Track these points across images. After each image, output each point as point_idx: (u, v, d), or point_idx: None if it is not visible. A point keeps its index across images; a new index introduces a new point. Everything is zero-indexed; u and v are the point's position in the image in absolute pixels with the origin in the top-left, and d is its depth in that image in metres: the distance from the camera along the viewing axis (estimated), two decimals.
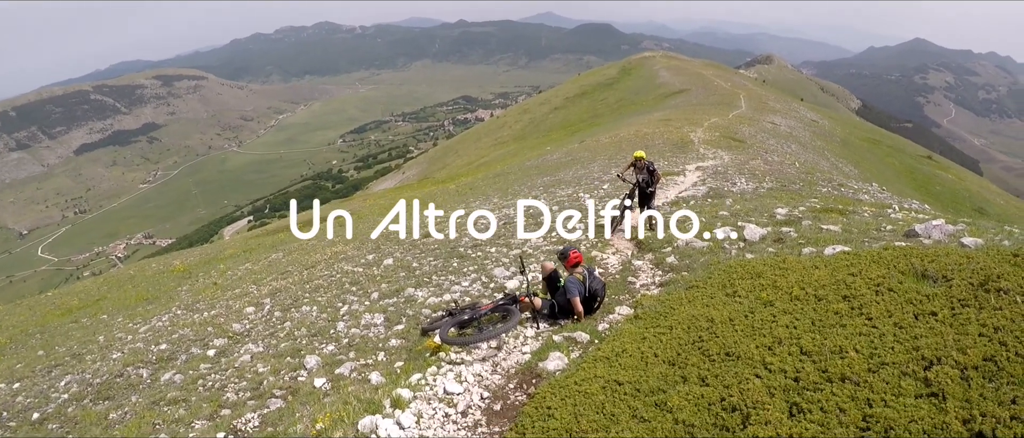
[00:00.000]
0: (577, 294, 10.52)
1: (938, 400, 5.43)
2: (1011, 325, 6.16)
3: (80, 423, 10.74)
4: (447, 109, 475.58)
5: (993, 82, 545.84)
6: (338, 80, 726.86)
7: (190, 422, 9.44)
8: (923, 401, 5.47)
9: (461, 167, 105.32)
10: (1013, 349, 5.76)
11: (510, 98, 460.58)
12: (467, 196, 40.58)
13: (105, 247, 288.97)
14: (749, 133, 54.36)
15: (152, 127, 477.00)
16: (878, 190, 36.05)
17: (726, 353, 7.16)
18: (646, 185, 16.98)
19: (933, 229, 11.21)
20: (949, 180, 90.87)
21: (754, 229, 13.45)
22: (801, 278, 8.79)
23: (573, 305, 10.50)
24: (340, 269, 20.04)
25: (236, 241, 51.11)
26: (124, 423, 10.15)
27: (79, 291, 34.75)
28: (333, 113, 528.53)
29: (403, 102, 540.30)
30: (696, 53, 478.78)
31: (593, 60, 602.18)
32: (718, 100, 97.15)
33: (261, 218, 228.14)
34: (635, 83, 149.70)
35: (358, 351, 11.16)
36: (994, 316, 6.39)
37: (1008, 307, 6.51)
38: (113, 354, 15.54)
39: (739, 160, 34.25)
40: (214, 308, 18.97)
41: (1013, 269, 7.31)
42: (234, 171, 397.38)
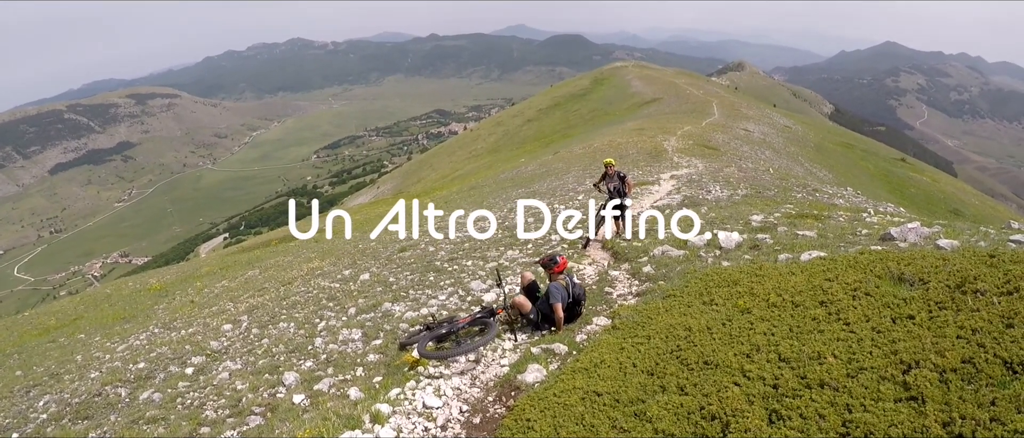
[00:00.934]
0: (560, 300, 10.56)
1: (917, 404, 5.43)
2: (988, 327, 6.17)
3: None
4: (421, 123, 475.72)
5: (965, 83, 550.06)
6: (311, 96, 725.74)
7: None
8: (902, 405, 5.47)
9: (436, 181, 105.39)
10: (991, 350, 5.77)
11: (483, 111, 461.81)
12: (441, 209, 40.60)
13: (81, 266, 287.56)
14: (723, 140, 54.71)
15: (126, 146, 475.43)
16: (853, 194, 36.30)
17: (704, 362, 7.14)
18: (618, 193, 17.00)
19: (909, 232, 11.24)
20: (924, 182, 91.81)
21: (730, 236, 13.45)
22: (778, 285, 8.79)
23: (554, 311, 10.53)
24: (317, 285, 20.01)
25: (212, 259, 50.90)
26: None
27: (56, 311, 34.52)
28: (307, 129, 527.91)
29: (376, 117, 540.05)
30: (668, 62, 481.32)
31: (565, 71, 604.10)
32: (691, 108, 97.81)
33: (237, 235, 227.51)
34: (608, 93, 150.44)
35: (336, 367, 11.11)
36: (971, 318, 6.40)
37: (985, 308, 6.52)
38: (91, 373, 15.45)
39: (713, 168, 34.43)
40: (191, 326, 18.90)
41: (989, 270, 7.33)
42: (209, 188, 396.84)
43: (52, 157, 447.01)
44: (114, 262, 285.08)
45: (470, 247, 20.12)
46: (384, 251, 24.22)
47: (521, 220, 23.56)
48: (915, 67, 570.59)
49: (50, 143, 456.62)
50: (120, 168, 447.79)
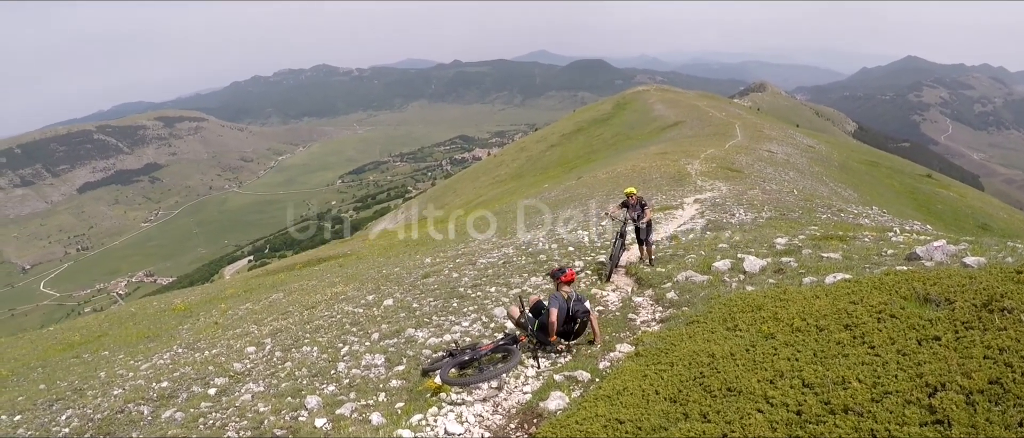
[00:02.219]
0: (556, 307, 10.65)
1: (943, 427, 5.37)
2: (1016, 345, 6.10)
3: None
4: (444, 149, 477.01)
5: (988, 94, 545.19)
6: (336, 122, 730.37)
7: None
8: (928, 429, 5.41)
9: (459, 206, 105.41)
10: (1019, 370, 5.70)
11: (506, 136, 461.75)
12: (465, 235, 40.59)
13: (107, 284, 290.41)
14: (746, 163, 54.47)
15: (154, 167, 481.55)
16: (879, 213, 36.07)
17: (727, 388, 7.08)
18: (638, 220, 16.97)
19: (935, 251, 11.16)
20: (951, 198, 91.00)
21: (754, 261, 13.39)
22: (802, 309, 8.72)
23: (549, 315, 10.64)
24: (341, 310, 19.97)
25: (237, 281, 51.03)
26: None
27: (81, 327, 34.65)
28: (332, 154, 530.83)
29: (401, 143, 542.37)
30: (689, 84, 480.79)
31: (587, 96, 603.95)
32: (714, 131, 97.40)
33: (261, 258, 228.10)
34: (630, 117, 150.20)
35: (359, 391, 11.09)
36: (998, 337, 6.32)
37: (1013, 327, 6.44)
38: (114, 390, 15.48)
39: (737, 190, 34.27)
40: (215, 347, 18.90)
41: (1017, 287, 7.25)
42: (235, 211, 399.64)
43: (81, 176, 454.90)
44: (139, 281, 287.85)
45: (493, 273, 20.07)
46: (408, 277, 24.20)
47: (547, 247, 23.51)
48: (937, 80, 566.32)
49: (79, 162, 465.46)
50: (147, 189, 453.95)
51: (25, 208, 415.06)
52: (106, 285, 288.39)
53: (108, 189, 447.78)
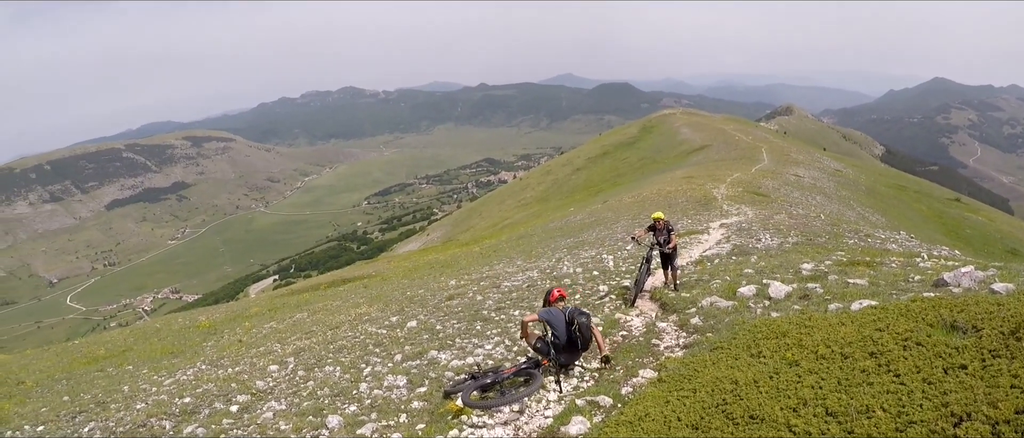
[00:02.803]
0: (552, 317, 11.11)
1: None
2: None
3: None
4: (470, 171, 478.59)
5: (1017, 116, 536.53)
6: (363, 143, 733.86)
7: None
8: None
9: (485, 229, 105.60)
10: None
11: (532, 160, 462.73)
12: (491, 258, 40.57)
13: (132, 299, 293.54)
14: (772, 187, 54.31)
15: (181, 186, 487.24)
16: (906, 238, 35.74)
17: (750, 416, 7.02)
18: (664, 244, 16.92)
19: (962, 277, 11.05)
20: (979, 222, 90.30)
21: (779, 286, 13.30)
22: (827, 336, 8.65)
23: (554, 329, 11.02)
24: (364, 330, 20.02)
25: (262, 299, 51.16)
26: None
27: (106, 341, 34.86)
28: (358, 176, 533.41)
29: (427, 165, 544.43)
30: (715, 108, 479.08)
31: (614, 119, 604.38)
32: (740, 155, 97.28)
33: (287, 277, 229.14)
34: (656, 141, 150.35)
35: (380, 412, 11.10)
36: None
37: None
38: (137, 404, 15.58)
39: (763, 215, 34.14)
40: (238, 365, 18.98)
41: None
42: (261, 231, 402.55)
43: (109, 193, 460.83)
44: (165, 297, 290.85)
45: (517, 297, 20.08)
46: (432, 299, 24.24)
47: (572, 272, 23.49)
48: (965, 102, 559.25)
49: (108, 180, 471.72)
50: (174, 207, 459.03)
51: (54, 223, 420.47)
52: (132, 301, 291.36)
53: (136, 206, 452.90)
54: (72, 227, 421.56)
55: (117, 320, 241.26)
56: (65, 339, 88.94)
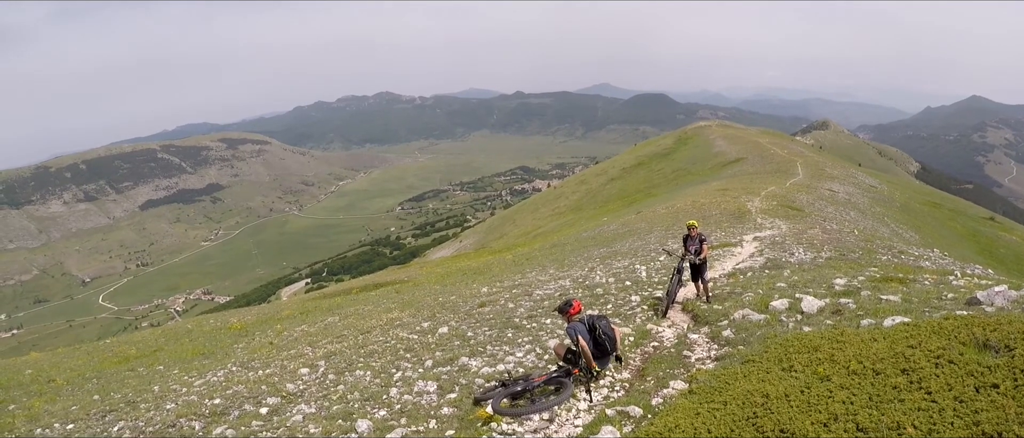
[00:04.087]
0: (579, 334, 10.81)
1: None
2: None
3: None
4: (505, 179, 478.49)
5: None
6: (397, 149, 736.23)
7: None
8: None
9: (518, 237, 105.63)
10: None
11: (567, 168, 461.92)
12: (523, 266, 40.60)
13: (164, 300, 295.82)
14: (807, 201, 53.99)
15: (216, 188, 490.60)
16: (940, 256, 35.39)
17: (780, 430, 7.01)
18: (696, 255, 16.89)
19: (996, 296, 10.97)
20: (1014, 242, 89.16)
21: (812, 301, 13.24)
22: (859, 352, 8.62)
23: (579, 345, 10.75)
24: (395, 335, 20.07)
25: (293, 303, 51.43)
26: None
27: (137, 341, 35.19)
28: (392, 181, 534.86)
29: (461, 171, 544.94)
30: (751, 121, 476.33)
31: (649, 130, 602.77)
32: (775, 168, 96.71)
33: (319, 281, 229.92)
34: (691, 152, 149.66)
35: (410, 418, 11.14)
36: None
37: None
38: (167, 405, 15.74)
39: (797, 229, 33.96)
40: (269, 367, 19.08)
41: None
42: (294, 234, 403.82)
43: (143, 193, 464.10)
44: (197, 298, 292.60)
45: (549, 305, 20.05)
46: (464, 305, 24.27)
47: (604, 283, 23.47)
48: (1002, 121, 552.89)
49: (142, 180, 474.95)
50: (208, 209, 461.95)
51: (88, 223, 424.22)
52: (164, 301, 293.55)
53: (170, 207, 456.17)
54: (106, 227, 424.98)
55: (148, 320, 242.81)
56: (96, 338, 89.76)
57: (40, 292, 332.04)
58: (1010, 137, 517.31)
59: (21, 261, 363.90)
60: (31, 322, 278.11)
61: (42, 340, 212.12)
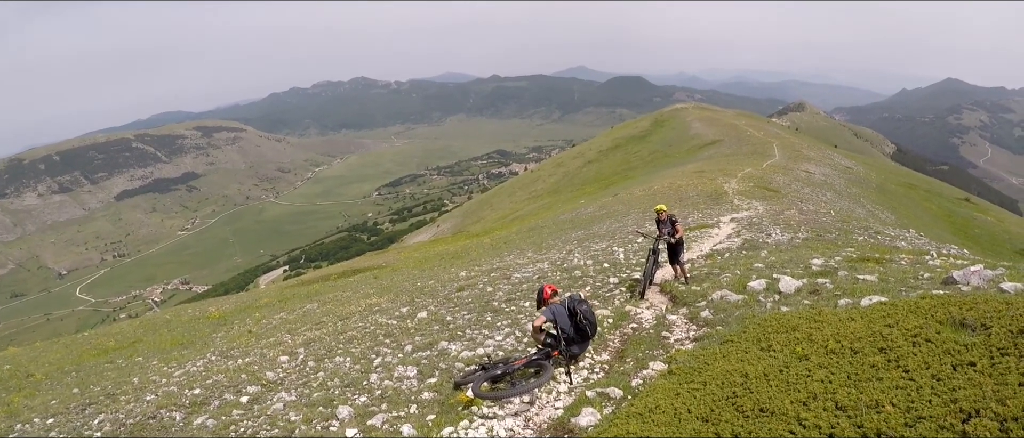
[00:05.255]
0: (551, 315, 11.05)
1: None
2: None
3: None
4: (481, 163, 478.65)
5: None
6: (374, 134, 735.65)
7: None
8: None
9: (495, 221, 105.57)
10: None
11: (544, 152, 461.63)
12: (501, 250, 40.63)
13: (142, 291, 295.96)
14: (783, 182, 54.23)
15: (191, 176, 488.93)
16: (916, 236, 35.69)
17: (760, 409, 7.04)
18: (670, 236, 16.93)
19: (971, 275, 11.05)
20: (988, 222, 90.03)
21: (789, 281, 13.30)
22: (837, 331, 8.65)
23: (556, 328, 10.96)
24: (375, 321, 20.07)
25: (272, 290, 51.34)
26: None
27: (115, 332, 35.01)
28: (369, 166, 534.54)
29: (438, 156, 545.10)
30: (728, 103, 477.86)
31: (626, 113, 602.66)
32: (751, 150, 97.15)
33: (297, 268, 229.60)
34: (668, 135, 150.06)
35: (390, 403, 11.14)
36: None
37: None
38: (147, 396, 15.70)
39: (774, 210, 34.14)
40: (248, 355, 19.05)
41: None
42: (271, 221, 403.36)
43: (119, 184, 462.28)
44: (174, 288, 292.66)
45: (528, 288, 20.12)
46: (442, 290, 24.30)
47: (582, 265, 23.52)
48: (977, 104, 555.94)
49: (117, 170, 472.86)
50: (184, 197, 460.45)
51: (63, 214, 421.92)
52: (141, 292, 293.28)
53: (145, 197, 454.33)
54: (81, 218, 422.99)
55: (127, 311, 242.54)
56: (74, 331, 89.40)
57: (16, 286, 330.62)
58: (985, 119, 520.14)
59: None
60: (8, 317, 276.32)
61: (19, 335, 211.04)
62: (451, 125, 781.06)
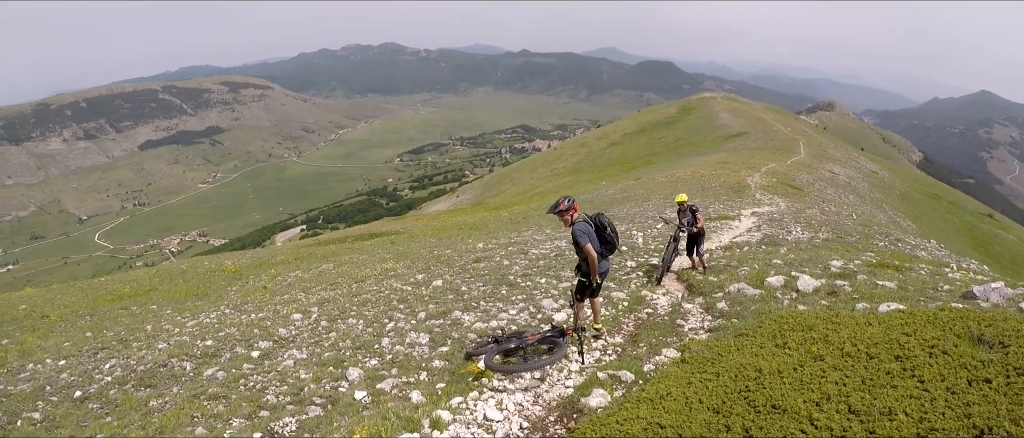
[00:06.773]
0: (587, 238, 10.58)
1: None
2: None
3: (120, 406, 10.84)
4: (505, 137, 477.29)
5: None
6: (400, 100, 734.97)
7: (228, 419, 9.47)
8: None
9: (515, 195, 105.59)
10: None
11: (568, 130, 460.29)
12: (520, 224, 40.61)
13: (160, 240, 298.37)
14: (807, 181, 53.96)
15: (216, 130, 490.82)
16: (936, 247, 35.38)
17: (772, 405, 7.02)
18: (690, 226, 16.91)
19: (992, 292, 10.94)
20: (1010, 241, 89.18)
21: (808, 280, 13.24)
22: (853, 334, 8.62)
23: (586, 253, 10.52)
24: (389, 286, 20.09)
25: (288, 248, 51.45)
26: (163, 412, 10.24)
27: (131, 279, 35.19)
28: (392, 132, 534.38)
29: (462, 127, 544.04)
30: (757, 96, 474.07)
31: (653, 97, 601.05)
32: (777, 145, 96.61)
33: (314, 228, 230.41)
34: (694, 123, 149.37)
35: (401, 368, 11.16)
36: None
37: None
38: (159, 344, 15.72)
39: (796, 208, 33.95)
40: (262, 311, 19.08)
41: None
42: (292, 180, 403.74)
43: (143, 134, 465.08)
44: (192, 240, 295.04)
45: (545, 265, 20.11)
46: (459, 260, 24.29)
47: None
48: (1009, 119, 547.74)
49: (142, 120, 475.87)
50: (207, 151, 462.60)
51: (86, 161, 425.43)
52: (159, 241, 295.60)
53: (169, 148, 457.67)
54: (104, 165, 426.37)
55: (143, 260, 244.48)
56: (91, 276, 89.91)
57: (37, 228, 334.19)
58: (1016, 135, 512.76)
59: (19, 197, 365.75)
60: (27, 258, 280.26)
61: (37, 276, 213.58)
62: (477, 97, 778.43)
